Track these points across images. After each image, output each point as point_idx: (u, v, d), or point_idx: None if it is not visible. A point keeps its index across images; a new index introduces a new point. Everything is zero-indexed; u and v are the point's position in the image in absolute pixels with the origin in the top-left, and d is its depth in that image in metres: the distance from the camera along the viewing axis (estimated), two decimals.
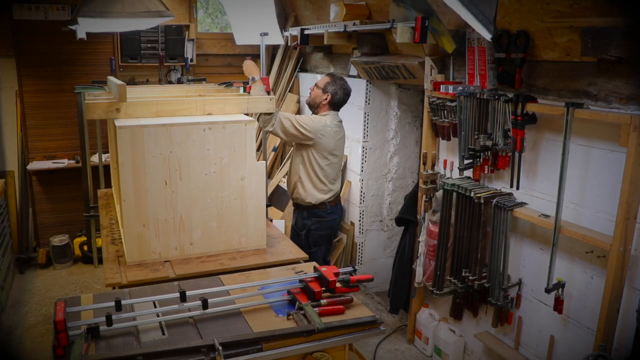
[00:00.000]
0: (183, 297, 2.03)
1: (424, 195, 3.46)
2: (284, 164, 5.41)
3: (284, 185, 5.24)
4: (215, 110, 2.75)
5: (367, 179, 4.48)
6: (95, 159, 4.93)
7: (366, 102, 4.36)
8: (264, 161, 2.78)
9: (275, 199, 5.24)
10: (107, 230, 3.09)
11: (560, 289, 2.61)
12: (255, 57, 5.75)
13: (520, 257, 2.97)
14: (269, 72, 5.62)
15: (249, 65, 3.44)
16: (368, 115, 4.37)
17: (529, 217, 2.72)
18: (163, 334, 1.95)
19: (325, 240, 3.68)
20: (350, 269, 2.40)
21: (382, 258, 4.65)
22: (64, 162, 4.95)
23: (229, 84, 3.72)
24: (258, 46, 5.61)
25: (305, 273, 2.34)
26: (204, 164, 2.61)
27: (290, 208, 4.93)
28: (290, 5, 5.34)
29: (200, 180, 2.62)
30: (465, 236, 3.05)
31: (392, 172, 4.51)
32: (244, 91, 3.47)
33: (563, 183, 2.51)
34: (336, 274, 2.19)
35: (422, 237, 3.45)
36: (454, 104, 3.10)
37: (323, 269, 2.25)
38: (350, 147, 4.61)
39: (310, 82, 5.28)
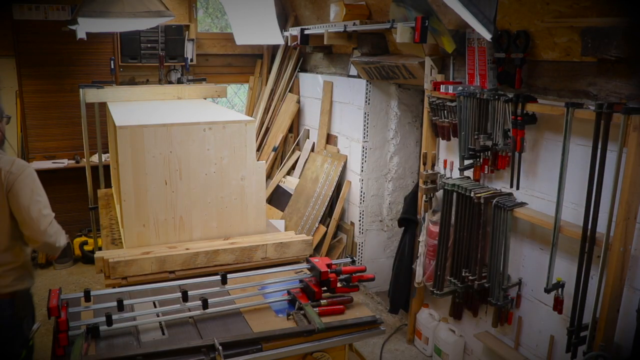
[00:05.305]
0: (185, 297, 2.02)
1: (424, 195, 3.46)
2: (284, 164, 5.41)
3: (284, 186, 5.24)
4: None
5: (367, 179, 4.48)
6: (95, 159, 4.93)
7: (366, 102, 4.36)
8: (264, 161, 2.78)
9: (275, 199, 5.24)
10: (107, 230, 3.09)
11: (560, 289, 2.61)
12: (256, 58, 5.78)
13: (520, 257, 2.97)
14: (269, 72, 5.62)
15: None
16: (368, 115, 4.37)
17: (529, 217, 2.72)
18: (163, 334, 1.95)
19: None
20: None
21: (382, 258, 4.65)
22: (64, 162, 4.95)
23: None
24: (258, 46, 5.65)
25: (305, 273, 2.35)
26: (204, 164, 2.61)
27: (290, 208, 4.93)
28: (290, 5, 5.34)
29: (200, 180, 2.62)
30: (465, 236, 3.05)
31: (392, 172, 4.51)
32: None
33: (563, 183, 2.51)
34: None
35: (422, 237, 3.45)
36: (454, 104, 3.10)
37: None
38: (350, 147, 4.61)
39: (310, 82, 5.29)
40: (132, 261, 2.40)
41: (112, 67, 4.62)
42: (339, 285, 2.22)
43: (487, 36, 2.41)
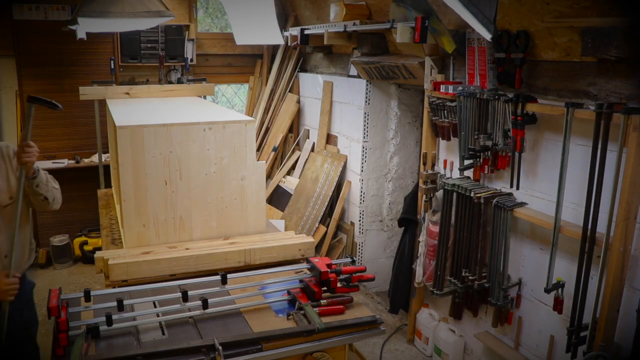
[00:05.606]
0: (185, 297, 2.03)
1: (424, 195, 3.46)
2: (284, 164, 5.41)
3: (284, 186, 5.24)
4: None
5: (367, 179, 4.48)
6: (95, 158, 4.93)
7: (366, 102, 4.36)
8: (264, 161, 2.78)
9: (275, 199, 5.24)
10: (107, 230, 3.09)
11: (560, 289, 2.61)
12: (256, 58, 5.78)
13: (520, 257, 2.97)
14: (269, 72, 5.62)
15: None
16: (368, 115, 4.37)
17: (529, 217, 2.72)
18: (163, 334, 1.95)
19: None
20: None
21: (382, 258, 4.65)
22: (64, 162, 4.95)
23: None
24: (258, 46, 5.65)
25: (305, 273, 2.35)
26: (204, 164, 2.61)
27: (290, 208, 4.93)
28: (290, 5, 5.34)
29: (200, 180, 2.62)
30: (465, 236, 3.05)
31: (392, 172, 4.51)
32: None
33: (563, 183, 2.51)
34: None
35: (422, 237, 3.45)
36: (454, 104, 3.10)
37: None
38: (350, 147, 4.61)
39: (310, 82, 5.29)
40: (132, 261, 2.39)
41: (112, 67, 4.62)
42: (339, 285, 2.22)
43: (487, 36, 2.41)
